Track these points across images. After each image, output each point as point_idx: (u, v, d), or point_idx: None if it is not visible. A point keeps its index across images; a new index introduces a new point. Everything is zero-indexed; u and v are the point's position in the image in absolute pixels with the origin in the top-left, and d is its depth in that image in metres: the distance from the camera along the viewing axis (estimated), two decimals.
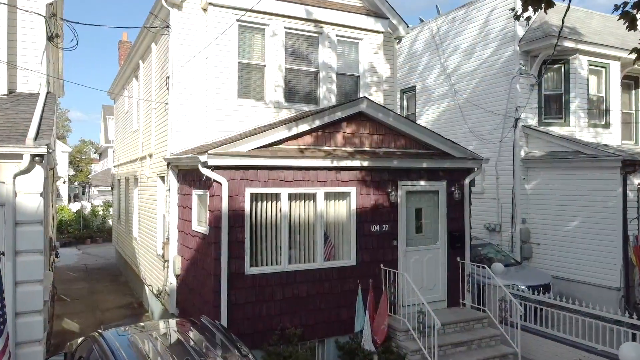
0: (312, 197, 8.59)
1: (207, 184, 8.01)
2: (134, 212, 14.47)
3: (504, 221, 14.28)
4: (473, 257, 10.39)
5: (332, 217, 8.81)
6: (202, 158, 7.59)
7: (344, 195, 8.86)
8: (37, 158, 6.37)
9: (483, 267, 9.65)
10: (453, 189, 9.70)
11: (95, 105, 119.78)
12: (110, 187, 25.91)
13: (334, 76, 10.70)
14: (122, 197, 17.41)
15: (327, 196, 8.71)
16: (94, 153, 60.20)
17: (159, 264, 10.58)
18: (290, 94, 10.37)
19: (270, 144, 8.24)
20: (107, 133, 44.96)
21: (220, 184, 7.74)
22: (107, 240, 25.81)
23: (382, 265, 8.90)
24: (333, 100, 10.56)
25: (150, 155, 11.68)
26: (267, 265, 8.18)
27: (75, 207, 33.09)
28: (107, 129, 44.95)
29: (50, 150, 6.54)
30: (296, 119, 8.51)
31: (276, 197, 8.29)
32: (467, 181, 9.89)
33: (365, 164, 8.74)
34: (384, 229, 9.05)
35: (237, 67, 9.82)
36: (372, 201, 8.97)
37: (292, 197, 8.43)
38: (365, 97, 9.11)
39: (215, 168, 7.74)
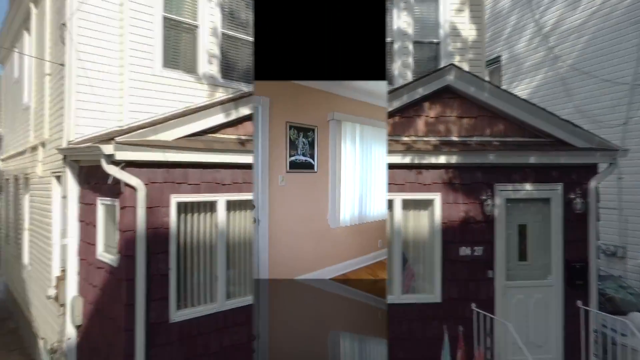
0: None
1: (115, 189, 5.28)
2: (24, 227, 10.40)
3: (631, 242, 10.04)
4: None
5: None
6: (106, 149, 4.90)
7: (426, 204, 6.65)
8: None
9: (622, 320, 6.11)
10: (572, 197, 6.71)
11: None
12: None
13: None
14: (11, 206, 12.72)
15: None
16: None
17: (53, 307, 7.45)
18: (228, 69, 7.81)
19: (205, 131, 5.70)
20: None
21: (135, 189, 5.05)
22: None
23: (473, 306, 6.38)
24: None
25: (43, 144, 8.33)
26: (201, 304, 5.67)
27: None
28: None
29: None
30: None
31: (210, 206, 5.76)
32: (593, 184, 6.82)
33: (454, 160, 6.48)
34: (475, 253, 6.50)
35: (163, 23, 7.06)
36: (462, 212, 6.56)
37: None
38: (453, 64, 6.80)
39: (127, 165, 5.06)
